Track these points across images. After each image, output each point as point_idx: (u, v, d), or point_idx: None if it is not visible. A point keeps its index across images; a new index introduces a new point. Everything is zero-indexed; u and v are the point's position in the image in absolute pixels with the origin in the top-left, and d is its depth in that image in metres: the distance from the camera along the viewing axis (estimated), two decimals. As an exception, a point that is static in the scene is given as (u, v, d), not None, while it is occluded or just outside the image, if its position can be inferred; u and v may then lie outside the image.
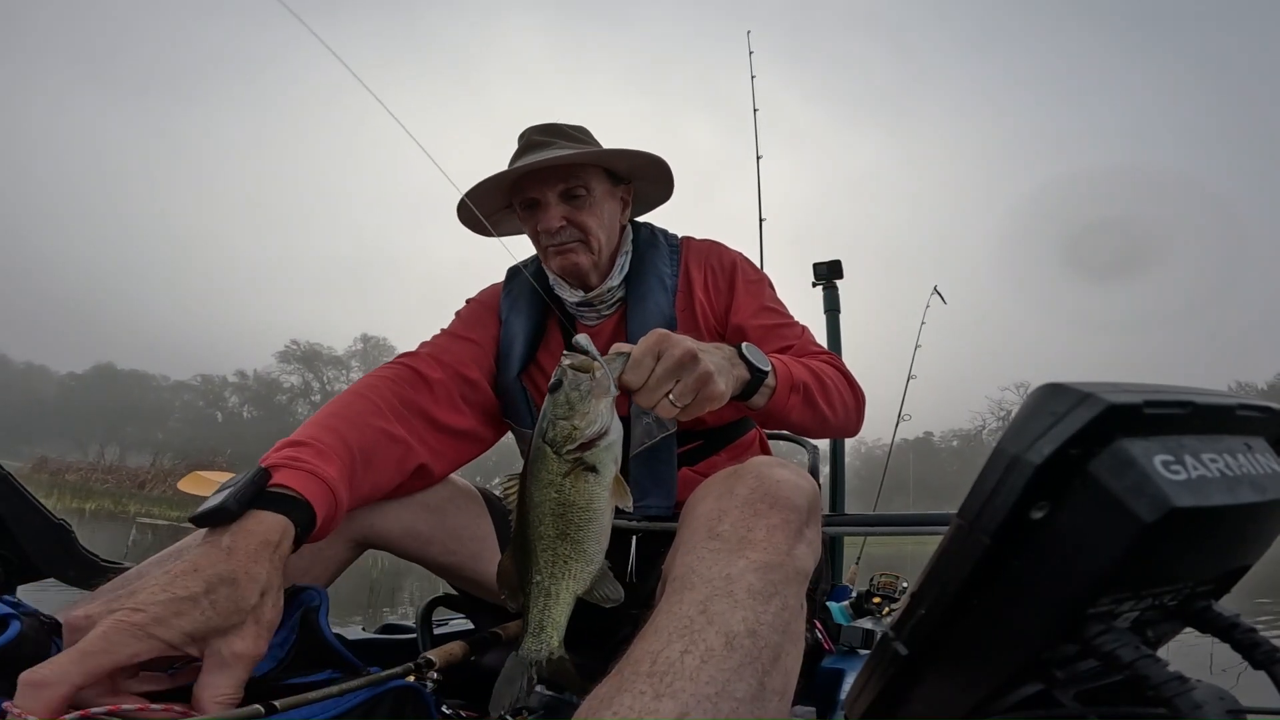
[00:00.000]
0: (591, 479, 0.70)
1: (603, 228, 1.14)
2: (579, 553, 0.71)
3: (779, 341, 1.11)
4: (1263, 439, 0.46)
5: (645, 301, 1.14)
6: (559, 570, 0.71)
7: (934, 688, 0.45)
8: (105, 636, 0.58)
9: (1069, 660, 0.44)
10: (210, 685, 0.61)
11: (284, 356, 66.96)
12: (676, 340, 0.76)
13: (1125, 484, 0.37)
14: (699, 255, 1.22)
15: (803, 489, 0.74)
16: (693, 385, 0.76)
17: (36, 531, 1.06)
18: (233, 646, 0.62)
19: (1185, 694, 0.37)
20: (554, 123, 1.19)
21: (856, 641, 1.27)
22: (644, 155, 1.16)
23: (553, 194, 1.11)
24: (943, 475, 54.41)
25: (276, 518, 0.71)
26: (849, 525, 1.67)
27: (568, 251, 1.12)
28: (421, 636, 1.11)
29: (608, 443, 0.71)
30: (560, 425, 0.70)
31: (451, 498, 1.04)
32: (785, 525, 0.69)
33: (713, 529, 0.69)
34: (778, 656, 0.60)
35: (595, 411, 0.70)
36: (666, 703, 0.52)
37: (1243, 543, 0.45)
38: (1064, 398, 0.38)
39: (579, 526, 0.70)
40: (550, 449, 0.70)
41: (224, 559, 0.65)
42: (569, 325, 1.19)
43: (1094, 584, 0.38)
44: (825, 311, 2.42)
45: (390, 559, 1.15)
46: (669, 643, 0.57)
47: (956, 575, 0.41)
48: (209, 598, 0.62)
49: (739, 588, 0.62)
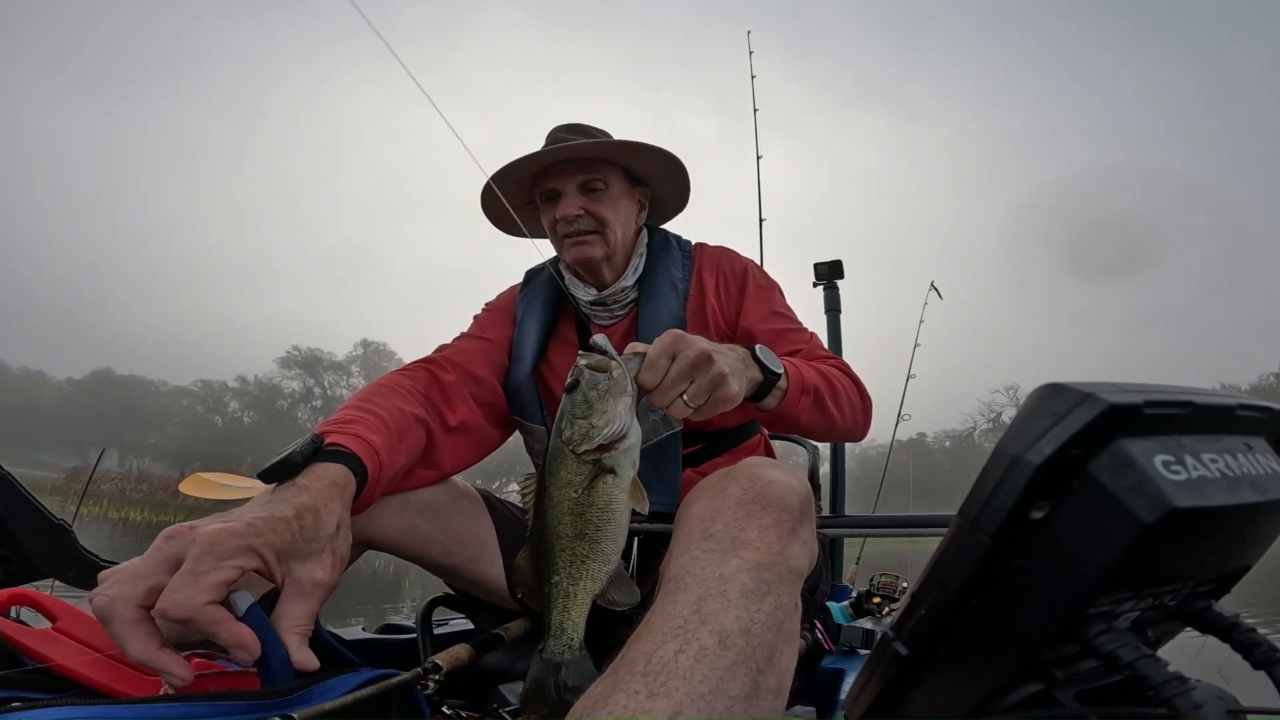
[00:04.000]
0: (610, 480, 0.70)
1: (619, 222, 1.17)
2: (596, 552, 0.71)
3: (787, 346, 1.12)
4: (1263, 439, 0.46)
5: (657, 304, 1.17)
6: (577, 571, 0.71)
7: (934, 688, 0.45)
8: (212, 541, 0.60)
9: (1069, 660, 0.44)
10: (288, 615, 0.65)
11: (285, 362, 66.90)
12: (691, 341, 0.77)
13: (1125, 484, 0.37)
14: (711, 261, 1.24)
15: (795, 489, 0.75)
16: (706, 386, 0.77)
17: (36, 531, 1.06)
18: (312, 574, 0.67)
19: (1185, 694, 0.38)
20: (579, 123, 1.22)
21: (856, 641, 1.27)
22: (661, 152, 1.19)
23: (572, 185, 1.15)
24: (936, 475, 54.47)
25: (339, 466, 0.76)
26: (849, 526, 1.67)
27: (583, 243, 1.15)
28: (421, 637, 1.11)
29: (626, 445, 0.71)
30: (578, 424, 0.70)
31: (452, 499, 1.04)
32: (778, 525, 0.70)
33: (706, 530, 0.70)
34: (772, 655, 0.60)
35: (614, 412, 0.70)
36: (660, 702, 0.53)
37: (1243, 543, 0.45)
38: (1064, 398, 0.38)
39: (597, 527, 0.70)
40: (568, 448, 0.70)
41: (304, 493, 0.70)
42: (585, 323, 1.22)
43: (1094, 584, 0.38)
44: (826, 311, 2.42)
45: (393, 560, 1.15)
46: (663, 642, 0.58)
47: (956, 575, 0.41)
48: (298, 521, 0.67)
49: (732, 587, 0.62)
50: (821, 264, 2.43)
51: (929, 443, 66.36)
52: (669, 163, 1.21)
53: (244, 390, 68.15)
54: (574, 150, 1.13)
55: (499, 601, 1.07)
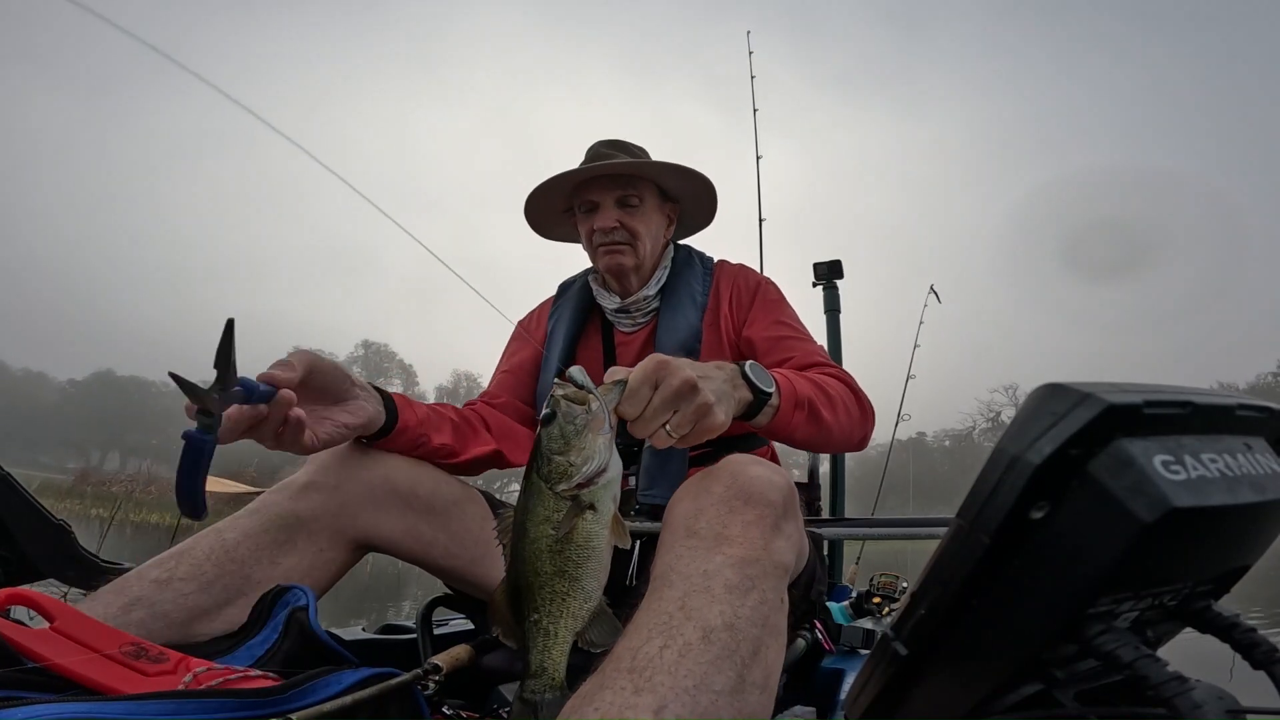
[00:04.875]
0: (590, 516, 0.67)
1: (649, 235, 1.27)
2: (577, 590, 0.68)
3: (783, 353, 1.15)
4: (1262, 439, 0.46)
5: (676, 315, 1.24)
6: (557, 608, 0.68)
7: (934, 687, 0.45)
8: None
9: (1069, 660, 0.44)
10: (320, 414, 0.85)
11: (286, 365, 66.57)
12: (675, 368, 0.74)
13: (1125, 484, 0.37)
14: (729, 276, 1.32)
15: (777, 484, 0.75)
16: (691, 416, 0.74)
17: (36, 531, 1.06)
18: (339, 416, 0.88)
19: (1185, 694, 0.38)
20: (620, 139, 1.33)
21: (856, 641, 1.27)
22: (695, 174, 1.29)
23: (610, 199, 1.26)
24: (935, 475, 54.47)
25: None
26: (849, 527, 1.67)
27: (616, 251, 1.25)
28: (422, 637, 1.10)
29: (606, 480, 0.68)
30: (556, 461, 0.67)
31: (456, 501, 1.04)
32: (760, 521, 0.70)
33: (690, 527, 0.70)
34: (757, 650, 0.61)
35: (592, 447, 0.67)
36: (645, 697, 0.53)
37: (1242, 543, 0.45)
38: (1064, 398, 0.38)
39: (577, 564, 0.67)
40: (545, 484, 0.67)
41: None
42: (609, 329, 1.32)
43: (1094, 584, 0.38)
44: (825, 312, 2.41)
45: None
46: (648, 639, 0.59)
47: (956, 575, 0.41)
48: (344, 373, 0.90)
49: (716, 583, 0.63)
50: (821, 264, 2.43)
51: (928, 442, 66.37)
52: (701, 185, 1.31)
53: (246, 393, 67.86)
54: (615, 169, 1.24)
55: None
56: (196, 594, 0.80)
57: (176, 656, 0.66)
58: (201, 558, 0.83)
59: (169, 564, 0.81)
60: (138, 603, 0.77)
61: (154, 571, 0.80)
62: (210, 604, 0.80)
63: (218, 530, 0.87)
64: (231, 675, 0.67)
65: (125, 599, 0.77)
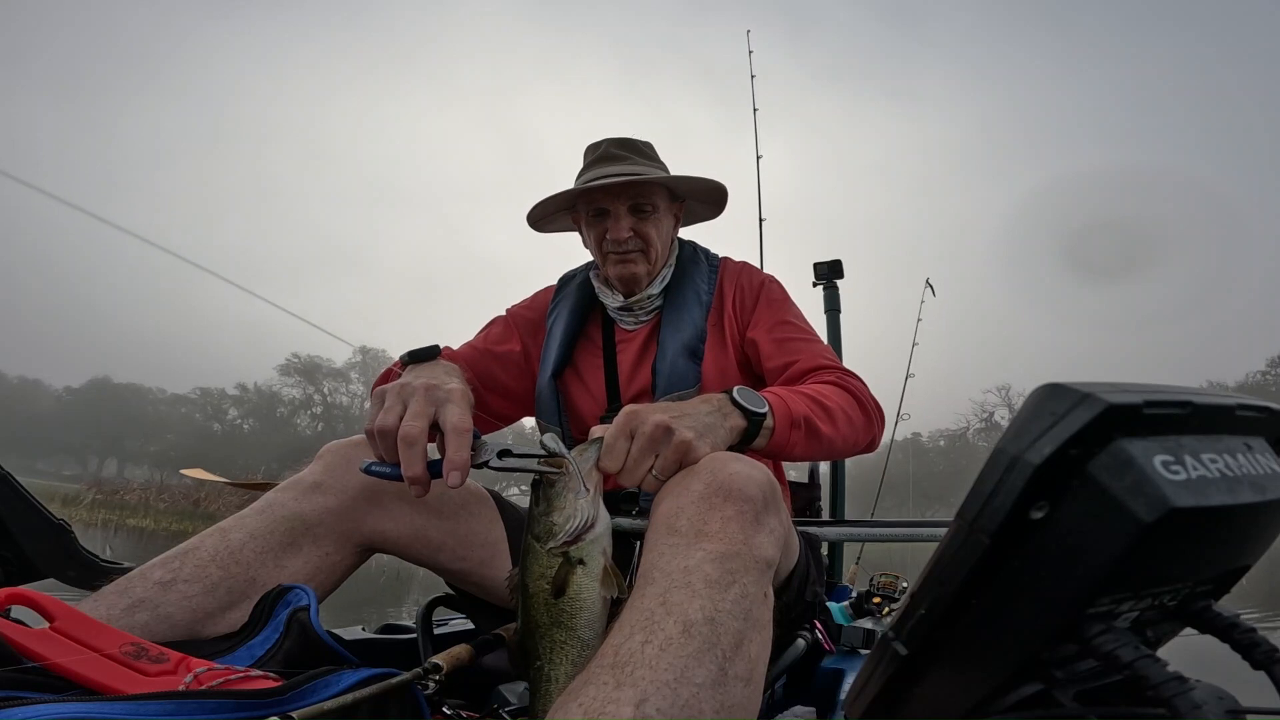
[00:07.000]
0: (580, 571, 0.73)
1: (661, 240, 1.26)
2: (573, 638, 0.73)
3: (789, 355, 1.15)
4: (1262, 439, 0.46)
5: (680, 312, 1.23)
6: (557, 656, 0.74)
7: (934, 687, 0.45)
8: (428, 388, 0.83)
9: (1069, 660, 0.44)
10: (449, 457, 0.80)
11: (284, 369, 66.26)
12: (645, 415, 0.78)
13: (1125, 484, 0.37)
14: (733, 274, 1.31)
15: (756, 479, 0.75)
16: (672, 457, 0.78)
17: (36, 532, 1.06)
18: (453, 418, 0.83)
19: (1184, 694, 0.38)
20: (628, 137, 1.30)
21: (857, 641, 1.27)
22: (713, 184, 1.28)
23: (623, 207, 1.23)
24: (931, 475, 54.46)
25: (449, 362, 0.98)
26: (849, 528, 1.67)
27: (629, 261, 1.23)
28: (422, 637, 1.10)
29: (593, 536, 0.73)
30: (542, 522, 0.74)
31: (464, 504, 1.03)
32: (740, 516, 0.71)
33: (671, 525, 0.71)
34: (740, 643, 0.61)
35: (572, 507, 0.73)
36: (626, 691, 0.54)
37: (1243, 543, 0.45)
38: (1063, 398, 0.38)
39: (571, 615, 0.73)
40: (537, 543, 0.74)
41: (443, 368, 0.93)
42: (610, 327, 1.30)
43: (1093, 584, 0.38)
44: (825, 311, 2.42)
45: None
46: (630, 635, 0.59)
47: (956, 575, 0.41)
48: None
49: (696, 578, 0.64)
50: (821, 264, 2.43)
51: (924, 442, 66.37)
52: (716, 192, 1.30)
53: (243, 398, 67.52)
54: (633, 179, 1.21)
55: (504, 603, 1.07)
56: (200, 597, 0.79)
57: (177, 657, 0.66)
58: (206, 559, 0.82)
59: (173, 564, 0.81)
60: (141, 605, 0.76)
61: (157, 573, 0.80)
62: (214, 607, 0.80)
63: (222, 530, 0.86)
64: (232, 675, 0.67)
65: (128, 600, 0.76)
